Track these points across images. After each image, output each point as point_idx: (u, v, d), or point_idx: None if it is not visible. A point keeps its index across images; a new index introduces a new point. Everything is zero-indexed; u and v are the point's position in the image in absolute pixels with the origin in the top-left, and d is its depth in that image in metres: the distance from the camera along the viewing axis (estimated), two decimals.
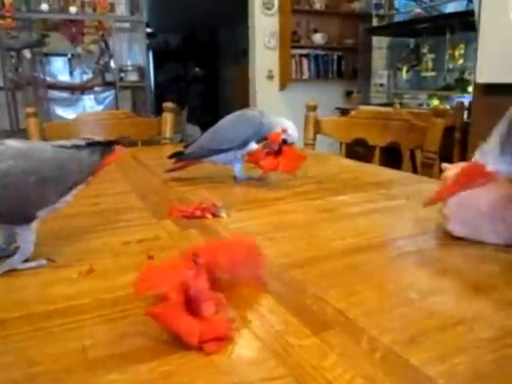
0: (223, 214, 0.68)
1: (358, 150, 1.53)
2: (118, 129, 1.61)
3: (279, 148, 0.84)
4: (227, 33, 8.42)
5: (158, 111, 3.38)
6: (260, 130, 0.88)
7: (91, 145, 0.57)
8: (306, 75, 4.65)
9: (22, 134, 3.24)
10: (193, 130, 5.50)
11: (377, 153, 1.39)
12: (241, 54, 7.55)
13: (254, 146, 0.88)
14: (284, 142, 0.86)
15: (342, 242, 0.57)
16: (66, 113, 3.57)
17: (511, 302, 0.41)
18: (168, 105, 1.54)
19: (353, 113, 1.48)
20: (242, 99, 4.96)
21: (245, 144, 0.88)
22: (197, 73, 9.21)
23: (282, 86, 4.64)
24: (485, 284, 0.45)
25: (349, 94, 4.83)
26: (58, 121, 1.54)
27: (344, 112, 3.33)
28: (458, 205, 0.55)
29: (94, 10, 3.39)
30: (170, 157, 0.94)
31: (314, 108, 1.50)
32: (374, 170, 1.05)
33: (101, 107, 3.59)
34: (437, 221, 0.59)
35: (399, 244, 0.57)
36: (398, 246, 0.56)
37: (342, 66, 4.78)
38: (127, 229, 0.64)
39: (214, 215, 0.68)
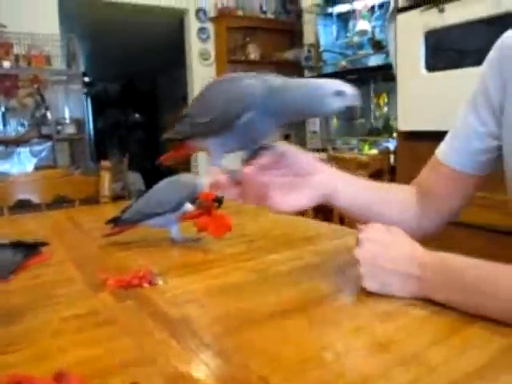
0: (160, 282, 0.71)
1: None
2: (54, 188, 1.60)
3: (211, 207, 0.89)
4: (166, 79, 8.57)
5: (99, 157, 3.34)
6: (194, 190, 0.93)
7: (16, 245, 0.59)
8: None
9: None
10: (134, 177, 5.48)
11: None
12: (180, 100, 7.69)
13: (188, 206, 0.92)
14: (217, 199, 0.91)
15: (268, 305, 0.62)
16: (1, 166, 3.48)
17: (411, 357, 0.47)
18: (105, 164, 1.56)
19: None
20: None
21: (179, 206, 0.92)
22: (137, 119, 9.24)
23: None
24: (389, 340, 0.51)
25: (286, 137, 5.04)
26: None
27: None
28: (369, 264, 0.62)
29: (29, 63, 3.38)
30: (108, 223, 0.96)
31: None
32: (304, 224, 1.12)
33: (35, 160, 3.52)
34: (355, 276, 0.65)
35: (319, 303, 0.63)
36: (319, 306, 0.62)
37: None
38: (65, 304, 0.66)
39: (151, 283, 0.71)
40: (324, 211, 1.66)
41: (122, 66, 7.74)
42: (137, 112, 9.22)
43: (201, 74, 4.74)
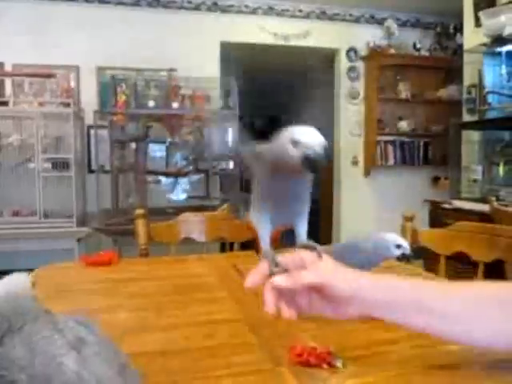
0: (339, 364, 0.68)
1: (457, 266, 1.47)
2: (216, 230, 1.69)
3: None
4: (311, 113, 8.74)
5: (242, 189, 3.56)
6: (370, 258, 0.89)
7: None
8: (391, 162, 4.65)
9: (121, 212, 3.51)
10: None
11: (480, 270, 1.33)
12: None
13: None
14: (403, 257, 0.90)
15: None
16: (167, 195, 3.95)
17: None
18: None
19: (453, 226, 1.44)
20: (325, 182, 5.03)
21: None
22: None
23: (367, 172, 4.66)
24: None
25: (436, 179, 4.73)
26: (163, 223, 1.66)
27: (433, 204, 3.25)
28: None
29: (193, 103, 3.71)
30: None
31: (411, 219, 1.49)
32: None
33: (189, 190, 3.92)
34: None
35: None
36: None
37: (429, 152, 4.75)
38: (244, 376, 0.65)
39: (330, 365, 0.67)
40: None
41: (268, 100, 8.11)
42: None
43: (348, 113, 4.73)
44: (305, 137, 0.60)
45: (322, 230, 5.32)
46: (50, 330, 0.48)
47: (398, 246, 0.90)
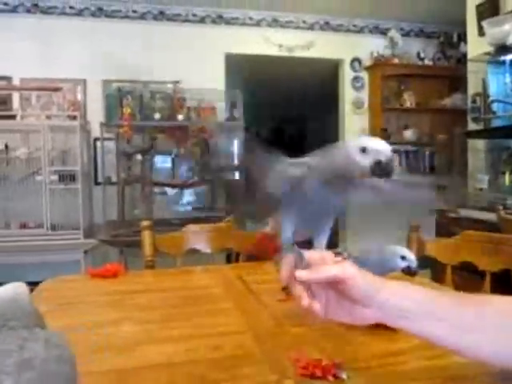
0: (344, 376, 0.68)
1: (464, 276, 1.47)
2: (221, 241, 1.70)
3: None
4: (316, 124, 8.75)
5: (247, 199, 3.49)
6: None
7: None
8: (396, 170, 4.64)
9: (127, 224, 3.52)
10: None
11: (487, 280, 1.32)
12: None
13: None
14: (409, 270, 0.87)
15: None
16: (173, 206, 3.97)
17: None
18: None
19: (459, 235, 1.43)
20: None
21: None
22: None
23: None
24: None
25: (440, 188, 4.71)
26: (168, 234, 1.66)
27: (440, 213, 3.23)
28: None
29: (198, 115, 3.73)
30: (284, 289, 0.97)
31: (417, 228, 1.48)
32: None
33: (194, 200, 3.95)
34: None
35: None
36: None
37: (434, 161, 4.74)
38: None
39: (335, 376, 0.67)
40: None
41: (274, 111, 8.14)
42: (285, 155, 9.55)
43: (353, 121, 4.74)
44: (373, 144, 0.60)
45: None
46: (15, 345, 0.47)
47: (403, 258, 0.89)
